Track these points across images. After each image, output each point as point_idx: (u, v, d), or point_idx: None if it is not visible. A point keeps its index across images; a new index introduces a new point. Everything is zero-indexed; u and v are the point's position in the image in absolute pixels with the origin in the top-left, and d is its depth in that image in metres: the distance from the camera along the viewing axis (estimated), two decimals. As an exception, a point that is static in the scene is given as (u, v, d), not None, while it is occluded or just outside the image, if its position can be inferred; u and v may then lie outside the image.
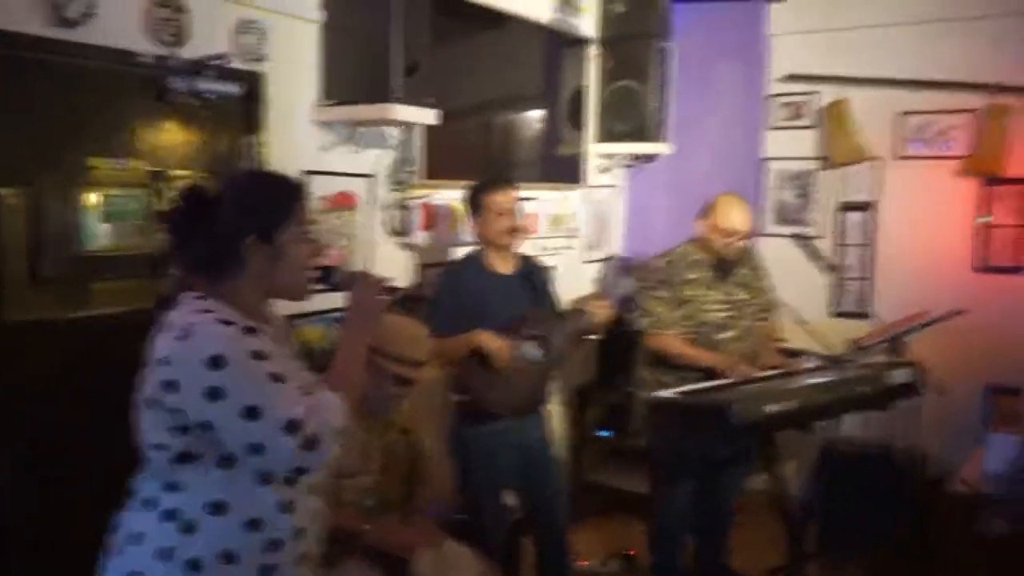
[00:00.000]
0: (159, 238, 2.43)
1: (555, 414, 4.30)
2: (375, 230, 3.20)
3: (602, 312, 2.94)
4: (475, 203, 2.96)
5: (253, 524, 1.56)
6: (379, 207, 3.20)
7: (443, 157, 3.51)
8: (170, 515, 1.54)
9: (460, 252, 3.25)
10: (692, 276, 3.22)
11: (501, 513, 3.09)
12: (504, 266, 3.00)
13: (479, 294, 2.89)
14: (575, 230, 4.18)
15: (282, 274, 1.61)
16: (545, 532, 3.15)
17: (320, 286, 1.70)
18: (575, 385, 4.42)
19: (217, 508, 1.55)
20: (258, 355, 1.50)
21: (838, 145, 4.08)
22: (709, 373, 3.09)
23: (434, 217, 3.36)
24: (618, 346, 3.97)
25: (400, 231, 3.28)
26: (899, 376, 2.96)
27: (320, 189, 2.95)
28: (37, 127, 2.27)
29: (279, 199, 1.62)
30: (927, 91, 3.90)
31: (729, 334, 3.24)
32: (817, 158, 4.23)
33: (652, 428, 3.27)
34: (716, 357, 3.13)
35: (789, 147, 4.28)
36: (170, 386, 1.48)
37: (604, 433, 4.45)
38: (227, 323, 1.51)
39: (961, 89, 3.81)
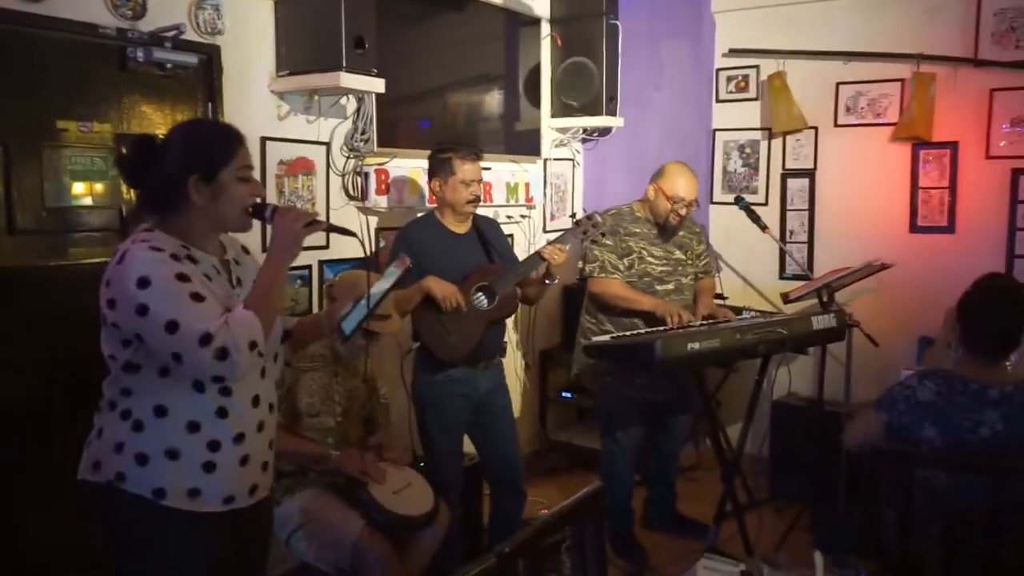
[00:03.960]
0: (125, 194, 2.66)
1: (519, 375, 4.49)
2: (334, 193, 3.36)
3: (557, 256, 3.00)
4: (442, 166, 3.01)
5: (192, 426, 1.75)
6: (337, 173, 3.37)
7: (401, 129, 3.69)
8: (125, 415, 1.75)
9: (417, 216, 3.39)
10: (636, 230, 3.38)
11: (456, 457, 3.19)
12: (458, 226, 3.11)
13: (434, 251, 2.99)
14: (533, 200, 4.32)
15: (223, 209, 1.77)
16: (499, 480, 3.26)
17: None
18: (540, 349, 4.58)
19: (160, 411, 1.74)
20: (181, 277, 1.67)
21: (779, 115, 4.25)
22: (649, 321, 3.23)
23: (389, 183, 3.52)
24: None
25: (357, 196, 3.44)
26: (822, 321, 3.08)
27: (280, 154, 3.12)
28: (10, 93, 2.46)
29: (220, 143, 1.79)
30: (859, 62, 4.07)
31: (667, 287, 3.41)
32: (761, 128, 4.40)
33: (591, 376, 3.46)
34: (655, 301, 3.27)
35: (736, 118, 4.45)
36: (111, 304, 1.69)
37: (567, 395, 4.60)
38: (157, 249, 1.68)
39: (890, 59, 3.98)
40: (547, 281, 3.10)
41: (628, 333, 3.10)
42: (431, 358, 3.02)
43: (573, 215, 3.44)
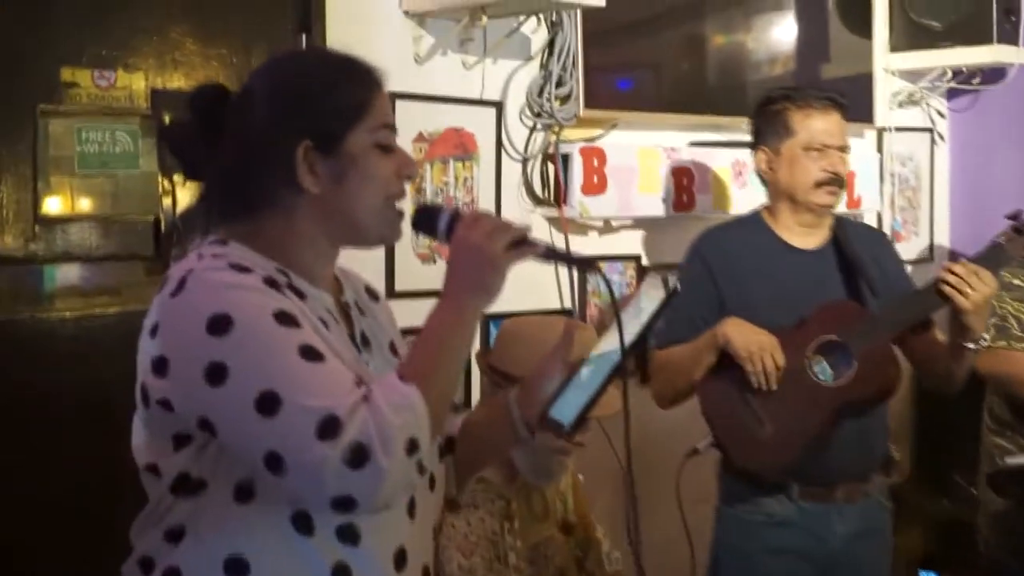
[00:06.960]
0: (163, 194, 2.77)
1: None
2: (508, 192, 3.34)
3: (974, 289, 2.79)
4: (770, 125, 3.07)
5: None
6: (515, 156, 3.40)
7: (603, 81, 3.66)
8: None
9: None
10: None
11: None
12: (803, 236, 3.10)
13: (750, 273, 3.02)
14: (861, 202, 4.29)
15: (353, 200, 1.74)
16: None
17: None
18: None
19: (235, 569, 1.69)
20: (284, 318, 1.62)
21: None
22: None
23: (605, 174, 3.47)
24: (961, 410, 3.95)
25: (547, 198, 3.42)
26: None
27: (418, 123, 3.13)
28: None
29: (345, 87, 1.77)
30: None
31: None
32: None
33: (1009, 539, 3.39)
34: None
35: None
36: (159, 367, 1.63)
37: (929, 576, 4.48)
38: (241, 269, 1.67)
39: None
40: (966, 344, 2.93)
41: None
42: (735, 474, 3.03)
43: (1015, 215, 3.20)
